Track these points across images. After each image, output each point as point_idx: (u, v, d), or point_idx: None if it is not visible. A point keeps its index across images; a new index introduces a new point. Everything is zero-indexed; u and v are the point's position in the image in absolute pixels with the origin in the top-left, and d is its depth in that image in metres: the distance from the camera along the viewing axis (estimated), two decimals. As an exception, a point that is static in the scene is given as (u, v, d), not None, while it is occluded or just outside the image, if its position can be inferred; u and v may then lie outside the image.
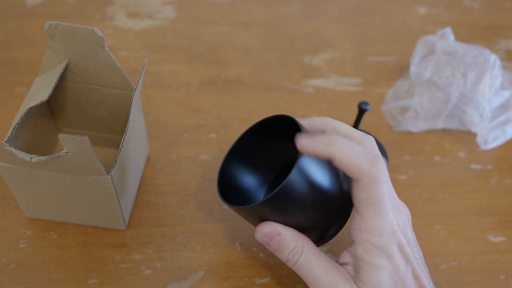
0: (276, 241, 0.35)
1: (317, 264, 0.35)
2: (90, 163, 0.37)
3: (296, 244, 0.35)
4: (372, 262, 0.34)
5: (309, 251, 0.35)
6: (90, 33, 0.43)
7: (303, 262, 0.35)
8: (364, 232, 0.34)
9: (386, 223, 0.34)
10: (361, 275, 0.35)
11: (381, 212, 0.34)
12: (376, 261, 0.34)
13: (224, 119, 0.59)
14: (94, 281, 0.44)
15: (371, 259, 0.34)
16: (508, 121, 0.57)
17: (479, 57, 0.56)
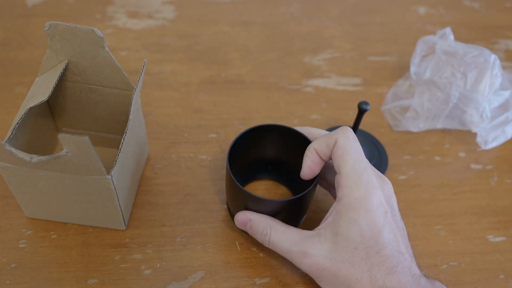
0: (248, 226, 0.42)
1: (286, 239, 0.39)
2: (90, 163, 0.37)
3: (264, 227, 0.41)
4: (348, 215, 0.36)
5: (276, 230, 0.40)
6: (90, 33, 0.43)
7: (274, 240, 0.40)
8: (344, 187, 0.37)
9: (364, 178, 0.37)
10: (337, 229, 0.37)
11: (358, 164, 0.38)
12: (352, 215, 0.36)
13: (224, 119, 0.59)
14: (94, 281, 0.44)
15: (348, 212, 0.36)
16: (508, 121, 0.57)
17: (479, 57, 0.56)
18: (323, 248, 0.37)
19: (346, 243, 0.36)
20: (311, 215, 0.50)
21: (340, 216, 0.37)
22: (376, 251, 0.36)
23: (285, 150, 0.49)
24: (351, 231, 0.36)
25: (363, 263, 0.36)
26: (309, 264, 0.38)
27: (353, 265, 0.36)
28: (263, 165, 0.52)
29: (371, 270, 0.36)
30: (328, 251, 0.37)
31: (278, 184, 0.53)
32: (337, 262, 0.36)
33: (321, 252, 0.37)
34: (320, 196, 0.52)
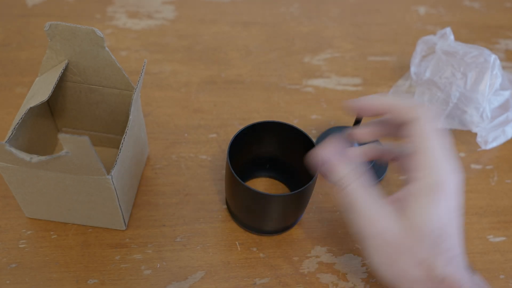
0: (329, 164, 0.38)
1: (365, 196, 0.36)
2: (90, 163, 0.37)
3: (348, 173, 0.37)
4: (428, 197, 0.34)
5: (359, 182, 0.37)
6: (90, 33, 0.43)
7: (353, 191, 0.36)
8: (424, 168, 0.35)
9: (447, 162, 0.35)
10: (414, 210, 0.35)
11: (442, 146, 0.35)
12: (433, 198, 0.34)
13: (224, 119, 0.59)
14: (94, 281, 0.44)
15: (427, 194, 0.34)
16: (508, 121, 0.57)
17: (479, 57, 0.56)
18: (397, 223, 0.35)
19: (421, 226, 0.35)
20: (311, 215, 0.50)
21: (418, 198, 0.35)
22: (444, 239, 0.35)
23: (284, 148, 0.50)
24: (429, 215, 0.34)
25: (430, 249, 0.35)
26: (376, 231, 0.36)
27: (422, 248, 0.35)
28: (262, 163, 0.52)
29: (435, 257, 0.35)
30: (400, 229, 0.35)
31: (276, 181, 0.53)
32: (405, 242, 0.35)
33: (394, 226, 0.35)
34: (320, 197, 0.52)
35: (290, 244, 0.48)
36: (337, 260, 0.47)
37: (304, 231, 0.49)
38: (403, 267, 0.35)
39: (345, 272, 0.47)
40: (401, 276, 0.36)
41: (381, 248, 0.36)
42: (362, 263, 0.47)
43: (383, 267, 0.36)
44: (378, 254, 0.36)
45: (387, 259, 0.36)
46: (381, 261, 0.36)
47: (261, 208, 0.44)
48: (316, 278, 0.46)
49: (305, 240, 0.48)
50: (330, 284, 0.46)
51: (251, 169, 0.52)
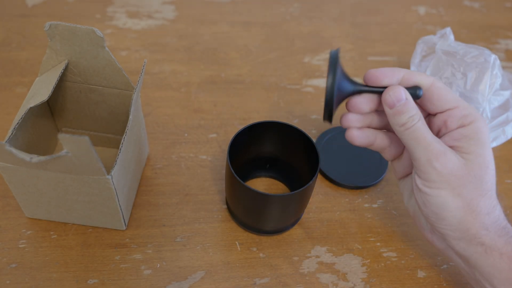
0: (402, 104, 0.38)
1: (430, 132, 0.38)
2: (90, 163, 0.37)
3: (417, 111, 0.38)
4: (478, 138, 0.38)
5: (424, 120, 0.39)
6: (90, 33, 0.43)
7: (420, 126, 0.38)
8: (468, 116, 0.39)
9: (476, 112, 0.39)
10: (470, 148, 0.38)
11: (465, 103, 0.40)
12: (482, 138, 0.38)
13: (224, 119, 0.59)
14: (94, 281, 0.44)
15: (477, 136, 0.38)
16: (508, 121, 0.57)
17: (479, 57, 0.56)
18: (459, 159, 0.38)
19: (480, 161, 0.38)
20: (311, 215, 0.50)
21: (471, 139, 0.38)
22: (495, 175, 0.39)
23: (284, 148, 0.50)
24: (485, 151, 0.38)
25: (490, 183, 0.38)
26: (444, 164, 0.37)
27: (482, 182, 0.38)
28: (262, 163, 0.52)
29: (493, 189, 0.38)
30: (464, 163, 0.38)
31: (276, 181, 0.53)
32: (469, 175, 0.37)
33: (458, 160, 0.38)
34: (320, 197, 0.52)
35: (290, 244, 0.48)
36: (337, 260, 0.47)
37: (304, 231, 0.49)
38: (468, 197, 0.38)
39: (345, 272, 0.47)
40: (469, 210, 0.38)
41: (447, 180, 0.38)
42: (362, 263, 0.47)
43: (451, 203, 0.38)
44: (444, 188, 0.38)
45: (454, 191, 0.38)
46: (448, 194, 0.38)
47: (261, 208, 0.44)
48: (316, 278, 0.46)
49: (305, 240, 0.48)
50: (330, 284, 0.46)
51: (251, 169, 0.52)
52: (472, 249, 0.39)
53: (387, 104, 0.39)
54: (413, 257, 0.48)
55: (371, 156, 0.56)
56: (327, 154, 0.55)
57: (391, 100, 0.38)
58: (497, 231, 0.38)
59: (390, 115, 0.39)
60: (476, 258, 0.39)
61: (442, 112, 0.39)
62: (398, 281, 0.46)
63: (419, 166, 0.38)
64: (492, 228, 0.38)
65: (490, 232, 0.38)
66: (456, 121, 0.38)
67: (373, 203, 0.52)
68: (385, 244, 0.49)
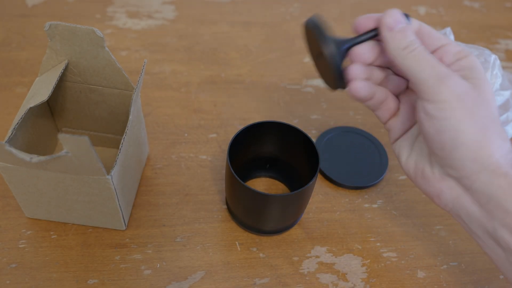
0: (402, 26, 0.37)
1: (433, 56, 0.37)
2: (90, 163, 0.37)
3: (415, 38, 0.37)
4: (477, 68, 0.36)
5: (422, 47, 0.37)
6: (90, 33, 0.43)
7: (423, 49, 0.37)
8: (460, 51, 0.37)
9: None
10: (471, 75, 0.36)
11: None
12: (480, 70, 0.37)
13: (224, 119, 0.59)
14: (94, 281, 0.44)
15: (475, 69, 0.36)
16: (508, 121, 0.57)
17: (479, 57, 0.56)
18: (467, 83, 0.36)
19: (486, 87, 0.36)
20: (311, 215, 0.50)
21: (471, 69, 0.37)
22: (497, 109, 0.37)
23: (284, 148, 0.50)
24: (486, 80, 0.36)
25: (496, 113, 0.36)
26: (454, 83, 0.35)
27: (492, 107, 0.36)
28: (262, 163, 0.52)
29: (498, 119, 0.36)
30: (472, 87, 0.36)
31: (276, 181, 0.53)
32: (479, 97, 0.36)
33: (466, 82, 0.36)
34: (320, 197, 0.52)
35: (290, 244, 0.48)
36: (337, 260, 0.47)
37: (304, 231, 0.49)
38: (484, 119, 0.35)
39: (345, 272, 0.47)
40: (486, 132, 0.35)
41: (461, 100, 0.35)
42: (362, 263, 0.47)
43: (466, 125, 0.35)
44: (457, 109, 0.35)
45: (468, 113, 0.35)
46: (462, 117, 0.35)
47: (261, 208, 0.44)
48: (316, 278, 0.46)
49: (305, 240, 0.48)
50: (330, 284, 0.46)
51: (251, 169, 0.52)
52: (495, 182, 0.35)
53: (387, 26, 0.37)
54: (413, 257, 0.48)
55: (371, 156, 0.56)
56: (327, 154, 0.55)
57: (391, 21, 0.37)
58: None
59: (390, 39, 0.37)
60: (501, 194, 0.35)
61: (436, 50, 0.38)
62: (398, 281, 0.46)
63: (429, 88, 0.36)
64: (509, 158, 0.35)
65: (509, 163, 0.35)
66: (452, 56, 0.37)
67: (373, 203, 0.52)
68: (385, 244, 0.49)
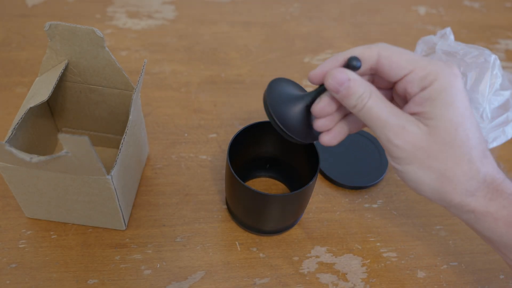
0: (346, 86, 0.35)
1: (385, 108, 0.35)
2: (90, 163, 0.37)
3: (365, 89, 0.35)
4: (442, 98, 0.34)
5: (376, 96, 0.35)
6: (90, 33, 0.43)
7: (371, 106, 0.35)
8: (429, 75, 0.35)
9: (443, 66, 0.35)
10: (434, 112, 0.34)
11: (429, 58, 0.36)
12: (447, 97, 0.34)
13: (224, 119, 0.59)
14: (94, 281, 0.44)
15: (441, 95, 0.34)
16: (508, 121, 0.57)
17: (479, 57, 0.56)
18: (422, 128, 0.35)
19: (447, 125, 0.34)
20: (311, 215, 0.50)
21: (433, 101, 0.34)
22: (473, 133, 0.35)
23: (284, 148, 0.50)
24: (450, 113, 0.34)
25: (464, 145, 0.34)
26: (405, 139, 0.35)
27: (453, 147, 0.34)
28: (262, 163, 0.52)
29: (471, 152, 0.35)
30: (427, 132, 0.34)
31: (276, 181, 0.53)
32: (436, 143, 0.34)
33: (419, 131, 0.35)
34: (320, 197, 0.52)
35: (290, 244, 0.48)
36: (337, 260, 0.47)
37: (304, 231, 0.49)
38: (441, 168, 0.35)
39: (345, 272, 0.47)
40: (445, 181, 0.35)
41: (413, 155, 0.35)
42: (362, 263, 0.47)
43: (423, 177, 0.36)
44: (412, 163, 0.35)
45: (422, 165, 0.35)
46: (417, 169, 0.35)
47: (261, 208, 0.44)
48: (316, 278, 0.46)
49: (305, 240, 0.48)
50: (330, 284, 0.46)
51: (251, 169, 0.52)
52: (464, 216, 0.37)
53: (332, 91, 0.36)
54: (413, 257, 0.48)
55: (371, 156, 0.56)
56: (327, 154, 0.55)
57: (333, 86, 0.36)
58: (487, 194, 0.35)
59: (340, 100, 0.36)
60: (472, 224, 0.37)
61: (400, 79, 0.36)
62: (398, 281, 0.46)
63: (383, 145, 0.36)
64: (479, 192, 0.35)
65: (479, 197, 0.35)
66: (416, 85, 0.35)
67: (373, 203, 0.52)
68: (385, 244, 0.49)
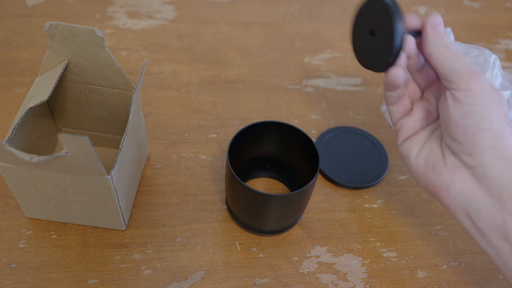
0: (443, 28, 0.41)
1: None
2: (90, 163, 0.37)
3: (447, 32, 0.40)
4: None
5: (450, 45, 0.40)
6: (90, 33, 0.43)
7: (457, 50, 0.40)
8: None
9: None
10: None
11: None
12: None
13: (224, 119, 0.59)
14: (94, 281, 0.44)
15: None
16: (508, 121, 0.57)
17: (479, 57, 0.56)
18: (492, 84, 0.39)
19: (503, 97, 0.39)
20: (311, 215, 0.50)
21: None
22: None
23: (284, 148, 0.50)
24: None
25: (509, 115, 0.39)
26: (483, 81, 0.39)
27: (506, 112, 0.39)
28: (262, 163, 0.52)
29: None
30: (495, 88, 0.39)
31: (276, 181, 0.53)
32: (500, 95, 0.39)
33: (491, 83, 0.39)
34: (320, 197, 0.52)
35: (290, 244, 0.48)
36: (337, 260, 0.47)
37: (304, 231, 0.49)
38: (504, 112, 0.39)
39: (345, 272, 0.47)
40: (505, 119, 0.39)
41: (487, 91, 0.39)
42: (362, 263, 0.47)
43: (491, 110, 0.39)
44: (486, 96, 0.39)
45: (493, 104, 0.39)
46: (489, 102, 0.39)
47: (261, 208, 0.44)
48: (316, 278, 0.46)
49: (305, 240, 0.49)
50: (330, 284, 0.46)
51: (251, 169, 0.52)
52: (511, 172, 0.38)
53: (432, 24, 0.41)
54: (413, 257, 0.48)
55: (371, 156, 0.56)
56: (327, 154, 0.55)
57: (435, 21, 0.41)
58: None
59: (433, 35, 0.41)
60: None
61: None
62: (398, 281, 0.46)
63: (462, 79, 0.39)
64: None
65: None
66: None
67: (373, 203, 0.52)
68: (385, 244, 0.49)
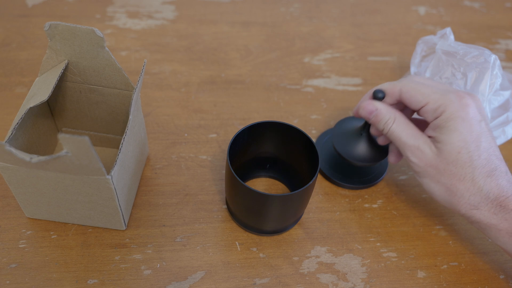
0: (374, 114, 0.45)
1: (405, 130, 0.44)
2: (90, 163, 0.37)
3: (390, 116, 0.44)
4: (448, 125, 0.42)
5: (399, 121, 0.44)
6: (90, 33, 0.43)
7: (394, 129, 0.44)
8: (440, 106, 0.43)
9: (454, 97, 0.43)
10: (440, 137, 0.42)
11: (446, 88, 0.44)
12: (452, 124, 0.42)
13: (224, 119, 0.59)
14: (94, 281, 0.44)
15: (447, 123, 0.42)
16: (508, 121, 0.57)
17: (479, 57, 0.56)
18: (433, 149, 0.43)
19: (450, 148, 0.41)
20: (311, 215, 0.50)
21: (441, 128, 0.42)
22: (478, 155, 0.41)
23: (284, 148, 0.50)
24: (454, 138, 0.41)
25: (467, 166, 0.41)
26: (419, 158, 0.43)
27: (457, 167, 0.42)
28: (262, 163, 0.52)
29: (474, 172, 0.41)
30: (436, 153, 0.42)
31: (276, 181, 0.53)
32: (442, 162, 0.42)
33: (431, 151, 0.43)
34: (320, 197, 0.52)
35: (290, 244, 0.48)
36: (337, 260, 0.47)
37: (304, 231, 0.49)
38: (447, 183, 0.43)
39: (345, 272, 0.47)
40: (451, 194, 0.43)
41: (425, 171, 0.44)
42: (362, 263, 0.47)
43: (434, 189, 0.44)
44: (425, 176, 0.44)
45: (433, 179, 0.43)
46: (429, 182, 0.44)
47: (261, 208, 0.44)
48: (316, 278, 0.46)
49: (305, 240, 0.48)
50: (330, 284, 0.46)
51: (251, 169, 0.52)
52: (473, 224, 0.44)
53: (365, 119, 0.46)
54: (413, 257, 0.48)
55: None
56: (327, 154, 0.55)
57: (365, 115, 0.46)
58: (491, 209, 0.41)
59: (372, 124, 0.46)
60: (481, 230, 0.44)
61: (419, 109, 0.44)
62: (398, 281, 0.46)
63: (406, 158, 0.45)
64: (484, 207, 0.42)
65: (482, 211, 0.42)
66: (431, 115, 0.43)
67: (373, 203, 0.52)
68: (385, 244, 0.49)
